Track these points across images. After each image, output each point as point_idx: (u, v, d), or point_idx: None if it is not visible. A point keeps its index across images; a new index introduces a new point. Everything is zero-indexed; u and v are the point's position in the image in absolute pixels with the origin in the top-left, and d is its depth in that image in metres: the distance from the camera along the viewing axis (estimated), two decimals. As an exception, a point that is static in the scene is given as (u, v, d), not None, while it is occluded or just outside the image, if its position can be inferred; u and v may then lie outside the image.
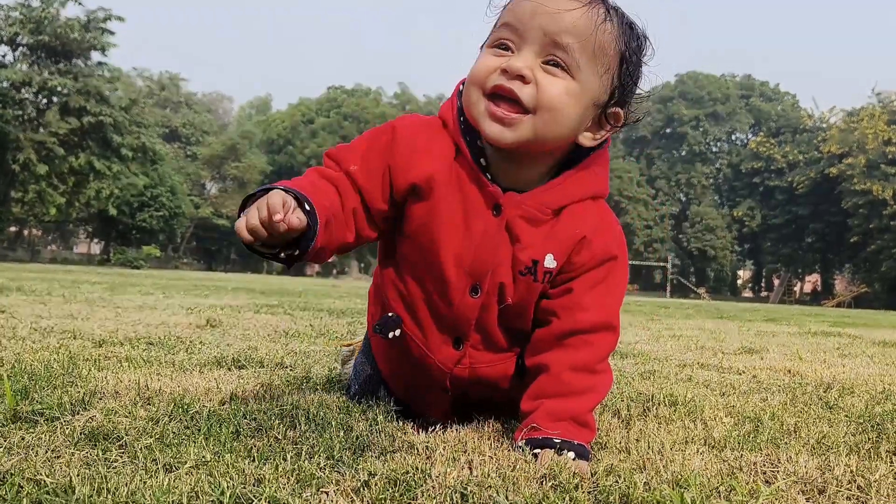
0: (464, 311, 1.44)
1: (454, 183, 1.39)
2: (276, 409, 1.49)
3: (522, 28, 1.32)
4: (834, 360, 3.64)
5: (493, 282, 1.41)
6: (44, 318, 3.47)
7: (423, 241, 1.41)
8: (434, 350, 1.48)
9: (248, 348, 2.66)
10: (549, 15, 1.30)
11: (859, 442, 1.50)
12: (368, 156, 1.40)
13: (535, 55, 1.31)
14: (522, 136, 1.32)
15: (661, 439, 1.43)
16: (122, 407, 1.46)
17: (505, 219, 1.38)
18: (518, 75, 1.30)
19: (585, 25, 1.31)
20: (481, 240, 1.39)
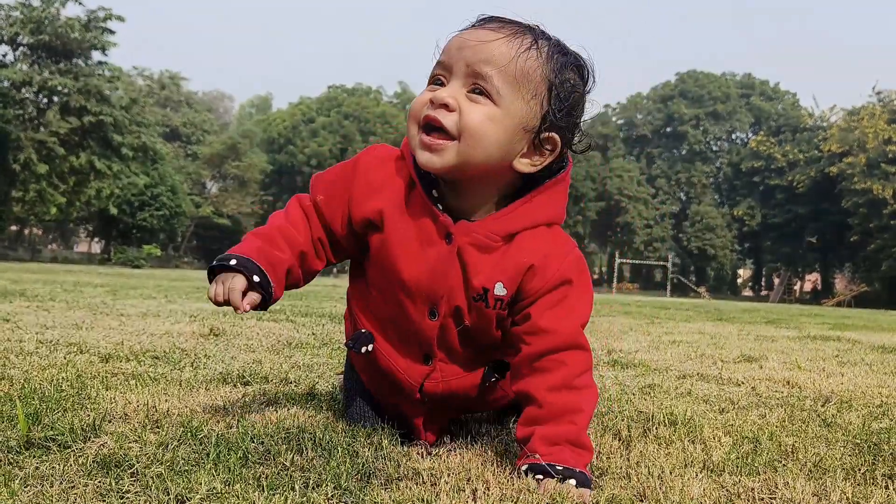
0: (425, 332, 1.52)
1: (407, 214, 1.48)
2: (283, 432, 1.51)
3: (450, 62, 1.42)
4: (832, 368, 3.66)
5: (450, 305, 1.49)
6: (48, 329, 3.50)
7: (384, 266, 1.50)
8: (403, 366, 1.56)
9: (252, 362, 2.69)
10: (471, 47, 1.40)
11: (856, 465, 1.53)
12: (332, 188, 1.53)
13: (460, 85, 1.40)
14: (448, 161, 1.40)
15: (660, 463, 1.45)
16: (133, 431, 1.48)
17: (456, 246, 1.46)
18: (442, 104, 1.39)
19: (505, 54, 1.39)
20: (434, 266, 1.46)
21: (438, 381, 1.56)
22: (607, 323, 6.80)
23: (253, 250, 1.43)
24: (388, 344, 1.57)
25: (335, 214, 1.51)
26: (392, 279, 1.49)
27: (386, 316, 1.55)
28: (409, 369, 1.55)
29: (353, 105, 67.81)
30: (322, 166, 65.10)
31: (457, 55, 1.41)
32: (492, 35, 1.40)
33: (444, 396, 1.58)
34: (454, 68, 1.41)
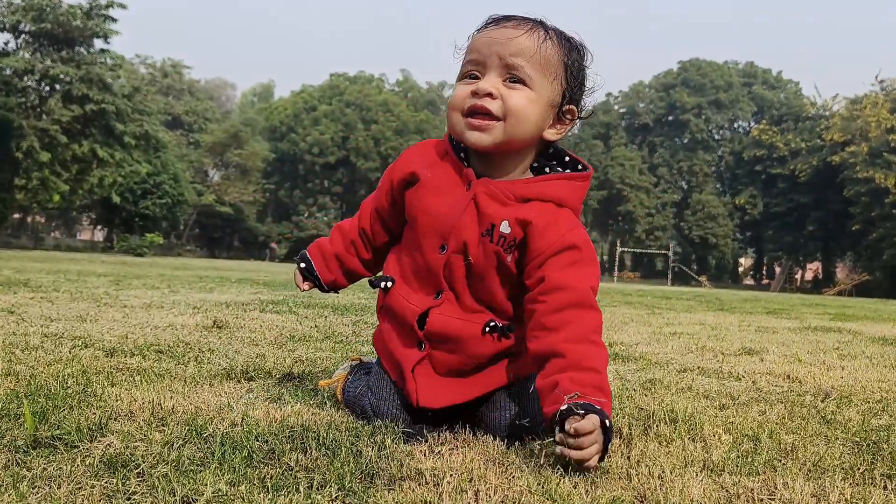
0: (433, 266, 1.70)
1: (438, 169, 1.74)
2: (287, 431, 1.53)
3: (483, 58, 1.66)
4: (833, 361, 3.68)
5: (458, 240, 1.67)
6: (53, 321, 3.52)
7: (413, 214, 1.74)
8: (415, 300, 1.73)
9: (255, 356, 2.70)
10: (501, 43, 1.64)
11: (855, 464, 1.54)
12: (381, 180, 1.87)
13: (497, 77, 1.65)
14: (497, 138, 1.65)
15: (661, 463, 1.47)
16: (138, 430, 1.50)
17: (473, 192, 1.68)
18: (487, 94, 1.64)
19: (530, 46, 1.64)
20: (451, 205, 1.69)
21: (441, 315, 1.70)
22: (608, 313, 6.81)
23: (311, 246, 1.94)
24: (406, 286, 1.76)
25: (382, 198, 1.85)
26: (417, 221, 1.72)
27: (409, 263, 1.76)
28: (420, 301, 1.72)
29: (356, 93, 67.67)
30: (324, 154, 65.10)
31: (488, 51, 1.65)
32: (515, 32, 1.65)
33: (443, 336, 1.69)
34: (488, 63, 1.65)
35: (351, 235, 1.89)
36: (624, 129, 68.76)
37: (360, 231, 1.90)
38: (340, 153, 66.15)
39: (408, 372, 1.70)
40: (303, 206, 67.27)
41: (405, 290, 1.75)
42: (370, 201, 1.89)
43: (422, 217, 1.71)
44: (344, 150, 66.21)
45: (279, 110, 68.34)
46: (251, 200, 62.86)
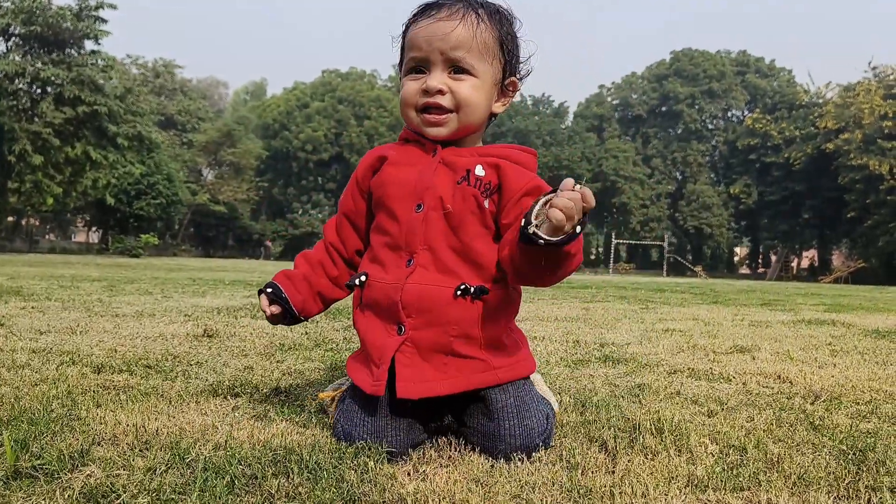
0: (411, 226, 1.73)
1: (402, 150, 1.84)
2: (270, 454, 1.52)
3: (425, 55, 1.75)
4: (824, 358, 3.68)
5: (433, 196, 1.73)
6: (42, 334, 3.51)
7: (382, 189, 1.79)
8: (390, 278, 1.73)
9: (243, 368, 2.69)
10: (441, 38, 1.73)
11: (840, 476, 1.54)
12: (346, 187, 1.94)
13: (442, 71, 1.75)
14: (453, 128, 1.78)
15: (645, 480, 1.46)
16: (121, 456, 1.49)
17: (440, 157, 1.79)
18: (437, 91, 1.75)
19: (467, 36, 1.73)
20: (422, 170, 1.77)
21: (414, 284, 1.69)
22: (602, 310, 6.81)
23: (277, 275, 1.92)
24: (380, 272, 1.76)
25: (347, 199, 1.91)
26: (387, 196, 1.77)
27: (381, 241, 1.79)
28: (394, 276, 1.72)
29: (348, 89, 67.59)
30: (317, 151, 65.06)
31: (430, 48, 1.74)
32: (450, 24, 1.72)
33: (418, 304, 1.67)
34: (431, 58, 1.75)
35: (317, 256, 1.93)
36: (617, 120, 68.79)
37: (327, 246, 1.94)
38: (334, 150, 66.10)
39: (386, 362, 1.66)
40: (297, 204, 67.21)
41: (380, 276, 1.76)
42: (332, 221, 1.96)
43: (392, 187, 1.78)
44: (337, 146, 66.16)
45: (272, 108, 68.24)
46: (245, 199, 62.83)
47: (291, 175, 67.68)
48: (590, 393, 2.42)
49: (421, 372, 1.67)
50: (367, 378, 1.70)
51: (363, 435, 1.65)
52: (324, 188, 69.01)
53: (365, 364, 1.74)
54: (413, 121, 1.80)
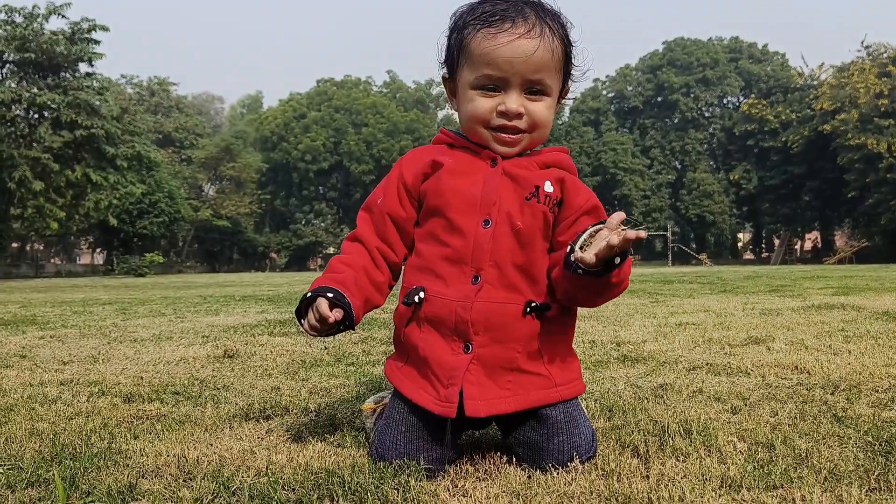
0: (478, 243, 1.70)
1: (455, 157, 1.79)
2: (311, 477, 1.56)
3: (504, 75, 1.70)
4: (839, 345, 3.71)
5: (501, 212, 1.71)
6: (66, 364, 3.55)
7: (442, 199, 1.74)
8: (453, 294, 1.70)
9: (270, 389, 2.73)
10: (522, 62, 1.69)
11: (870, 468, 1.58)
12: (387, 187, 1.84)
13: (519, 92, 1.72)
14: (524, 146, 1.78)
15: (680, 484, 1.50)
16: (167, 488, 1.53)
17: (500, 168, 1.76)
18: (516, 115, 1.72)
19: (547, 58, 1.71)
20: (485, 182, 1.74)
21: (484, 302, 1.69)
22: (612, 305, 6.85)
23: (323, 281, 1.73)
24: (438, 285, 1.73)
25: (394, 203, 1.81)
26: (448, 201, 1.73)
27: (438, 254, 1.74)
28: (459, 293, 1.70)
29: (344, 98, 67.67)
30: (317, 161, 65.12)
31: (510, 70, 1.70)
32: (530, 44, 1.68)
33: (489, 322, 1.68)
34: (510, 80, 1.71)
35: (360, 261, 1.79)
36: (614, 113, 68.81)
37: (371, 251, 1.80)
38: (333, 158, 66.19)
39: (458, 378, 1.66)
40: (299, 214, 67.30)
41: (439, 291, 1.72)
42: (367, 223, 1.84)
43: (455, 198, 1.73)
44: (336, 155, 66.24)
45: (269, 120, 68.33)
46: (248, 212, 62.92)
47: (292, 186, 67.77)
48: (614, 397, 2.46)
49: (487, 390, 1.68)
50: (430, 397, 1.68)
51: (395, 458, 1.66)
52: (325, 197, 69.11)
53: (425, 380, 1.71)
54: (481, 136, 1.76)
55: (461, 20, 1.77)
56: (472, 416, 1.66)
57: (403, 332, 1.78)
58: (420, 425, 1.69)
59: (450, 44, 1.80)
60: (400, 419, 1.71)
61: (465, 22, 1.75)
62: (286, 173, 67.22)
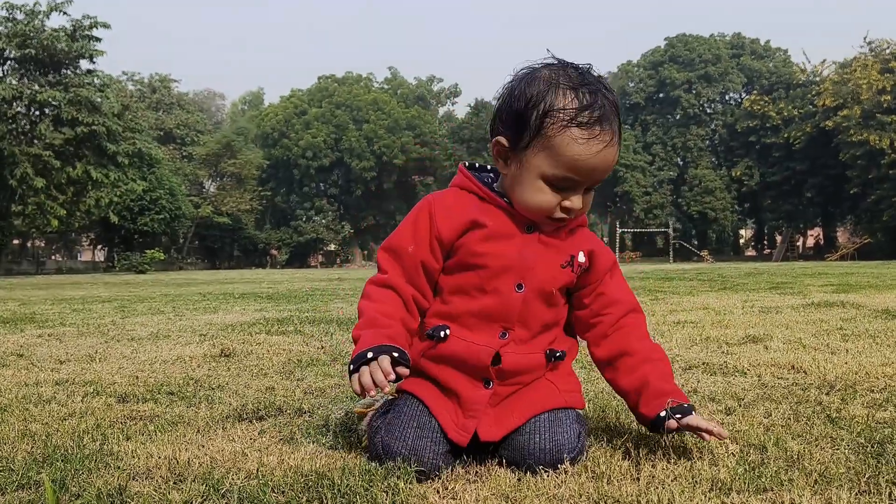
0: (511, 304, 1.77)
1: (490, 216, 1.78)
2: (301, 479, 1.56)
3: (582, 178, 1.71)
4: (837, 344, 3.71)
5: (534, 277, 1.77)
6: (63, 363, 3.55)
7: (479, 260, 1.77)
8: (477, 337, 1.78)
9: (265, 390, 2.73)
10: (603, 171, 1.72)
11: (860, 471, 1.57)
12: (417, 234, 1.81)
13: (584, 192, 1.75)
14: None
15: (670, 487, 1.49)
16: (157, 491, 1.53)
17: (537, 235, 1.79)
18: (577, 211, 1.76)
19: (616, 158, 1.75)
20: (521, 248, 1.77)
21: (513, 354, 1.77)
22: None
23: (378, 338, 1.69)
24: (463, 330, 1.79)
25: (426, 252, 1.80)
26: (485, 263, 1.77)
27: (464, 309, 1.79)
28: (487, 342, 1.77)
29: (345, 94, 67.68)
30: (318, 157, 65.13)
31: (590, 179, 1.71)
32: (611, 153, 1.70)
33: (517, 372, 1.78)
34: (583, 182, 1.71)
35: (398, 312, 1.78)
36: (615, 109, 68.65)
37: (405, 300, 1.80)
38: (334, 155, 66.21)
39: (479, 412, 1.75)
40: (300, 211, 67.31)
41: (464, 334, 1.78)
42: (395, 269, 1.82)
43: (492, 262, 1.76)
44: (337, 151, 66.26)
45: (270, 117, 68.35)
46: (248, 209, 62.97)
47: (293, 182, 67.80)
48: (608, 397, 2.45)
49: (501, 417, 1.77)
50: (449, 418, 1.74)
51: (402, 450, 1.67)
52: (326, 194, 69.12)
53: (447, 400, 1.77)
54: (534, 215, 1.76)
55: (545, 102, 1.68)
56: (488, 441, 1.75)
57: (419, 362, 1.82)
58: (430, 425, 1.72)
59: (523, 117, 1.71)
60: (412, 414, 1.74)
61: (552, 107, 1.67)
62: (287, 170, 67.23)
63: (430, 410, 1.74)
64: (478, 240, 1.77)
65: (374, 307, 1.78)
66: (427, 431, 1.70)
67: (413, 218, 1.83)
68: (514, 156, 1.75)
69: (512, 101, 1.74)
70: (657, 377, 1.82)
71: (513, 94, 1.74)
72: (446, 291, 1.83)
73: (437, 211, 1.80)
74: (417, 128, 67.78)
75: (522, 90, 1.72)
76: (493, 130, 1.81)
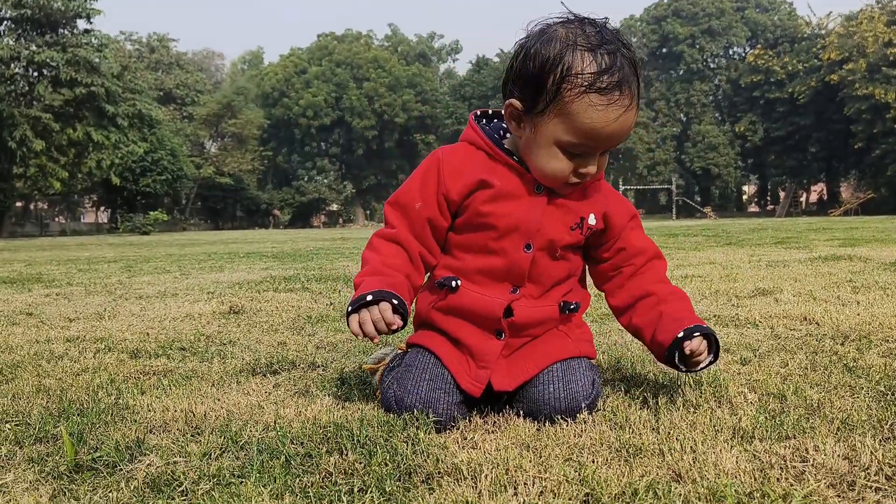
0: (519, 264, 1.75)
1: (502, 177, 1.75)
2: (320, 431, 1.55)
3: (599, 145, 1.67)
4: (847, 296, 3.69)
5: (543, 238, 1.75)
6: (72, 321, 3.55)
7: (487, 220, 1.74)
8: (488, 291, 1.77)
9: (277, 344, 2.73)
10: (620, 137, 1.67)
11: (882, 418, 1.56)
12: (424, 191, 1.78)
13: (599, 155, 1.71)
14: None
15: (691, 435, 1.48)
16: (175, 443, 1.52)
17: (545, 195, 1.75)
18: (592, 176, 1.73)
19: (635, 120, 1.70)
20: (529, 209, 1.73)
21: (524, 308, 1.77)
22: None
23: (380, 285, 1.68)
24: (474, 285, 1.77)
25: (433, 210, 1.77)
26: (493, 223, 1.74)
27: (474, 266, 1.78)
28: (495, 292, 1.77)
29: (345, 52, 67.09)
30: (318, 116, 64.78)
31: (607, 144, 1.67)
32: (630, 119, 1.65)
33: (529, 324, 1.78)
34: (599, 147, 1.67)
35: (404, 268, 1.77)
36: (618, 65, 68.03)
37: (412, 256, 1.79)
38: (335, 114, 65.86)
39: (492, 363, 1.74)
40: (302, 171, 67.16)
41: (476, 288, 1.77)
42: (402, 226, 1.79)
43: (501, 221, 1.74)
44: (338, 110, 65.89)
45: (270, 76, 67.84)
46: (250, 169, 62.81)
47: (294, 142, 67.53)
48: (622, 349, 2.44)
49: (514, 367, 1.76)
50: (462, 370, 1.73)
51: (415, 402, 1.66)
52: (327, 153, 68.87)
53: (459, 352, 1.77)
54: (547, 180, 1.72)
55: (562, 66, 1.60)
56: (501, 391, 1.75)
57: (430, 315, 1.82)
58: (443, 377, 1.71)
59: (539, 81, 1.63)
60: (423, 367, 1.73)
61: (569, 71, 1.60)
62: (288, 129, 66.92)
63: (443, 362, 1.73)
64: (485, 200, 1.74)
65: (380, 258, 1.77)
66: (440, 382, 1.69)
67: (421, 174, 1.79)
68: (527, 120, 1.69)
69: (527, 63, 1.65)
70: (675, 308, 1.80)
71: (528, 55, 1.65)
72: (455, 248, 1.81)
73: (446, 169, 1.76)
74: (418, 85, 67.28)
75: (538, 50, 1.63)
76: (506, 91, 1.73)
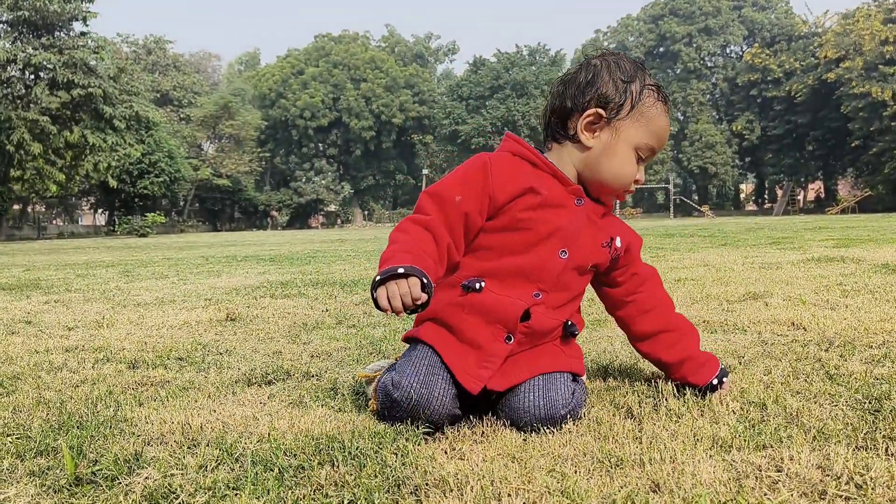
0: (553, 268, 1.85)
1: (548, 186, 1.85)
2: (313, 443, 1.60)
3: (659, 149, 1.91)
4: (836, 299, 3.74)
5: (578, 249, 1.87)
6: (71, 330, 3.59)
7: (524, 227, 1.83)
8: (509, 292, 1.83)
9: (272, 354, 2.77)
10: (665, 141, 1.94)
11: (858, 427, 1.61)
12: (468, 188, 1.82)
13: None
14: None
15: (671, 445, 1.53)
16: (172, 456, 1.57)
17: (584, 209, 1.89)
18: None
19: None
20: (570, 217, 1.86)
21: (542, 314, 1.84)
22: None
23: (404, 259, 1.67)
24: (497, 286, 1.84)
25: (473, 206, 1.81)
26: (535, 227, 1.83)
27: (500, 268, 1.84)
28: (517, 294, 1.83)
29: (342, 53, 67.07)
30: (316, 117, 64.77)
31: (662, 146, 1.93)
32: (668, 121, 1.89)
33: (541, 332, 1.86)
34: (657, 151, 1.92)
35: (433, 253, 1.75)
36: (615, 64, 68.02)
37: (440, 246, 1.78)
38: (332, 115, 65.87)
39: (494, 367, 1.80)
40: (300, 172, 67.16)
41: (499, 289, 1.83)
42: (443, 214, 1.80)
43: (542, 226, 1.84)
44: (336, 111, 65.91)
45: (267, 77, 67.85)
46: (248, 170, 62.80)
47: (292, 143, 67.54)
48: (610, 356, 2.49)
49: (508, 370, 1.82)
50: (462, 366, 1.77)
51: (413, 384, 1.71)
52: (325, 154, 68.86)
53: (462, 348, 1.80)
54: (608, 189, 1.91)
55: (636, 76, 1.87)
56: (491, 390, 1.80)
57: (441, 311, 1.85)
58: (441, 366, 1.77)
59: (626, 89, 1.86)
60: (423, 357, 1.78)
61: (643, 80, 1.88)
62: (285, 130, 66.94)
63: (443, 359, 1.78)
64: (530, 206, 1.83)
65: (411, 239, 1.75)
66: (438, 370, 1.75)
67: (464, 171, 1.85)
68: (608, 126, 1.86)
69: (612, 75, 1.87)
70: (695, 349, 2.02)
71: (610, 69, 1.88)
72: (483, 249, 1.87)
73: (495, 170, 1.83)
74: (416, 86, 67.33)
75: (619, 66, 1.88)
76: (563, 108, 1.91)
